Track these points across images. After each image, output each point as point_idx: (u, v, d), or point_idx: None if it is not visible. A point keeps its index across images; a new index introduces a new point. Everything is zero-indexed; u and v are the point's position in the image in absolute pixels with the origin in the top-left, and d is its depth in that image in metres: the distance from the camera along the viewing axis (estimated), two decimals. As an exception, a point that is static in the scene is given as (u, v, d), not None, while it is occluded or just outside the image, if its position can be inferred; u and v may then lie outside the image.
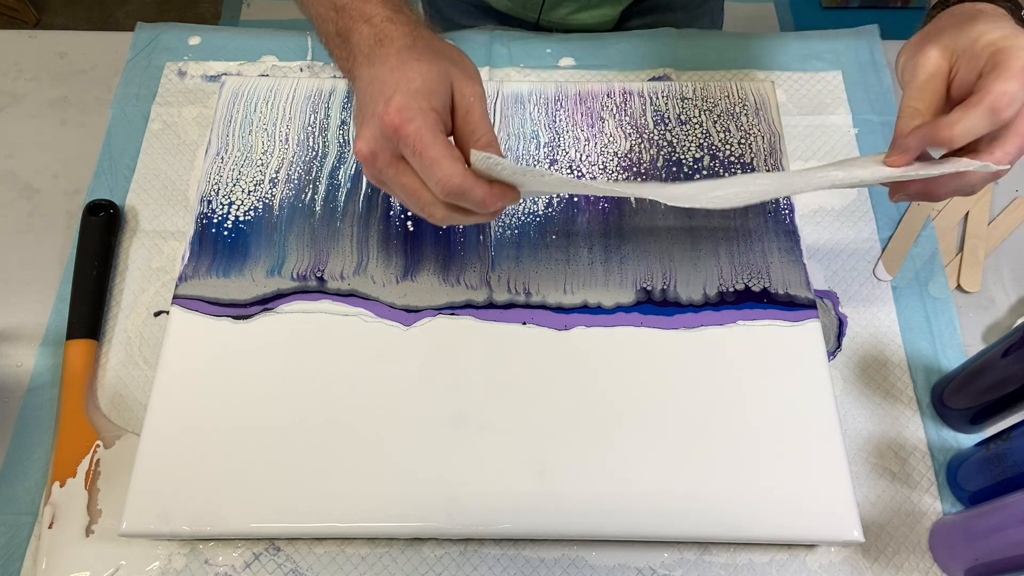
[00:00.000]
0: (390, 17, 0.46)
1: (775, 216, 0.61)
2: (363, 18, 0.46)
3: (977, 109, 0.39)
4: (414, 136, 0.40)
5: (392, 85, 0.41)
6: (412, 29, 0.46)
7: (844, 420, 0.56)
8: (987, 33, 0.41)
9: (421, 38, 0.45)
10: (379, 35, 0.45)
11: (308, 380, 0.54)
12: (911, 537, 0.52)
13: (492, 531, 0.50)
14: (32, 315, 0.61)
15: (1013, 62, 0.39)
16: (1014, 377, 0.49)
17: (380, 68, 0.43)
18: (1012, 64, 0.39)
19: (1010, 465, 0.48)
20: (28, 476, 0.54)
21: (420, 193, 0.42)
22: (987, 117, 0.39)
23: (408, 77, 0.42)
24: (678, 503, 0.50)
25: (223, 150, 0.64)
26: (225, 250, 0.60)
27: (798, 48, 0.73)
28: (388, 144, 0.41)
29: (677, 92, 0.67)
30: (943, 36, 0.43)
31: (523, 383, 0.54)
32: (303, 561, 0.51)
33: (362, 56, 0.45)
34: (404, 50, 0.44)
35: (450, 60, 0.45)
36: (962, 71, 0.42)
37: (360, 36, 0.46)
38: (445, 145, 0.41)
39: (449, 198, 0.41)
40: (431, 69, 0.42)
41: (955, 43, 0.42)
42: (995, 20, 0.42)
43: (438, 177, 0.40)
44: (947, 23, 0.44)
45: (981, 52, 0.41)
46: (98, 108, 0.71)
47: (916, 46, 0.44)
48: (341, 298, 0.57)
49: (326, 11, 0.47)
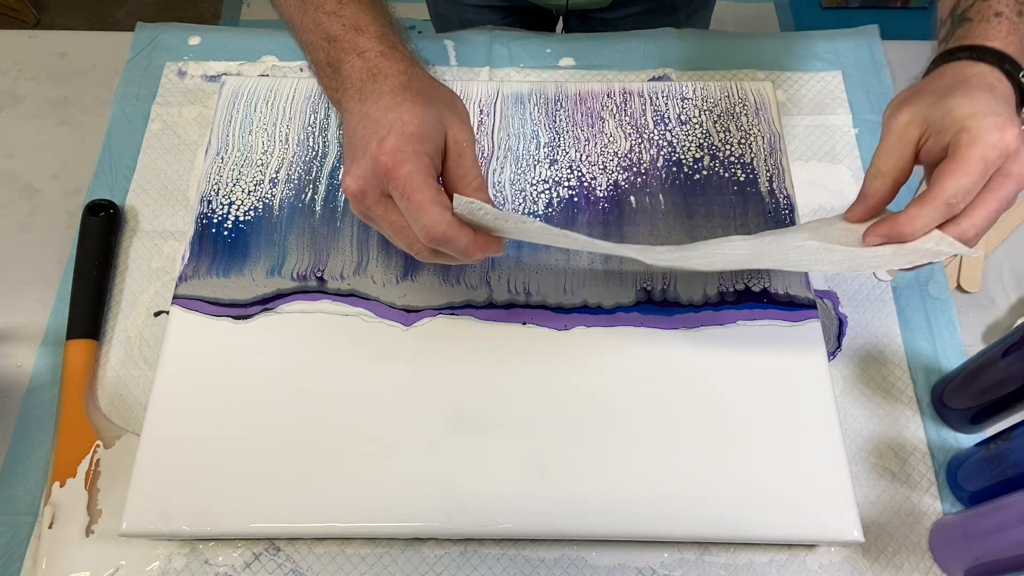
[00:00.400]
0: (384, 52, 0.45)
1: (775, 216, 0.61)
2: (356, 51, 0.45)
3: (933, 204, 0.41)
4: (404, 179, 0.40)
5: (386, 126, 0.41)
6: (407, 67, 0.45)
7: (844, 420, 0.56)
8: (959, 108, 0.41)
9: (416, 77, 0.45)
10: (372, 70, 0.44)
11: (308, 380, 0.54)
12: (911, 537, 0.52)
13: (492, 531, 0.50)
14: (32, 315, 0.61)
15: (973, 152, 0.40)
16: (1014, 377, 0.49)
17: (373, 106, 0.43)
18: (970, 155, 0.40)
19: (1010, 465, 0.48)
20: (28, 476, 0.54)
21: (407, 231, 0.43)
22: (943, 211, 0.41)
23: (403, 119, 0.42)
24: (678, 503, 0.50)
25: (223, 150, 0.64)
26: (225, 250, 0.60)
27: (798, 48, 0.73)
28: (378, 183, 0.42)
29: (677, 92, 0.67)
30: (922, 101, 0.44)
31: (523, 383, 0.54)
32: (303, 561, 0.51)
33: (353, 89, 0.44)
34: (399, 90, 0.43)
35: (444, 104, 0.45)
36: (931, 141, 0.43)
37: (352, 69, 0.45)
38: (434, 191, 0.41)
39: (433, 244, 0.42)
40: (426, 113, 0.42)
41: (930, 113, 0.43)
42: (974, 92, 0.42)
43: (423, 223, 0.41)
44: (932, 85, 0.44)
45: (949, 127, 0.42)
46: (98, 108, 0.71)
47: (898, 105, 0.45)
48: (341, 298, 0.57)
49: (317, 39, 0.46)
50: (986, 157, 0.40)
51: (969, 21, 0.46)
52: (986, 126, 0.40)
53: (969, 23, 0.46)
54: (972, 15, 0.46)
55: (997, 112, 0.41)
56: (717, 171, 0.63)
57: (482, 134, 0.65)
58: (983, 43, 0.45)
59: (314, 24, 0.46)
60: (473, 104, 0.66)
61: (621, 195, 0.62)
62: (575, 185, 0.63)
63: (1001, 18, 0.45)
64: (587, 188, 0.62)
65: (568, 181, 0.63)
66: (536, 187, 0.62)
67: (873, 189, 0.45)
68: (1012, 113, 0.42)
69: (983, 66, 0.44)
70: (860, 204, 0.46)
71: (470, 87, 0.67)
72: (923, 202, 0.42)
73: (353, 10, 0.46)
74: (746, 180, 0.63)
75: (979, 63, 0.44)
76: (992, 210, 0.42)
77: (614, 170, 0.63)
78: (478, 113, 0.66)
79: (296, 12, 0.47)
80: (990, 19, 0.45)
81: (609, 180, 0.63)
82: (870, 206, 0.45)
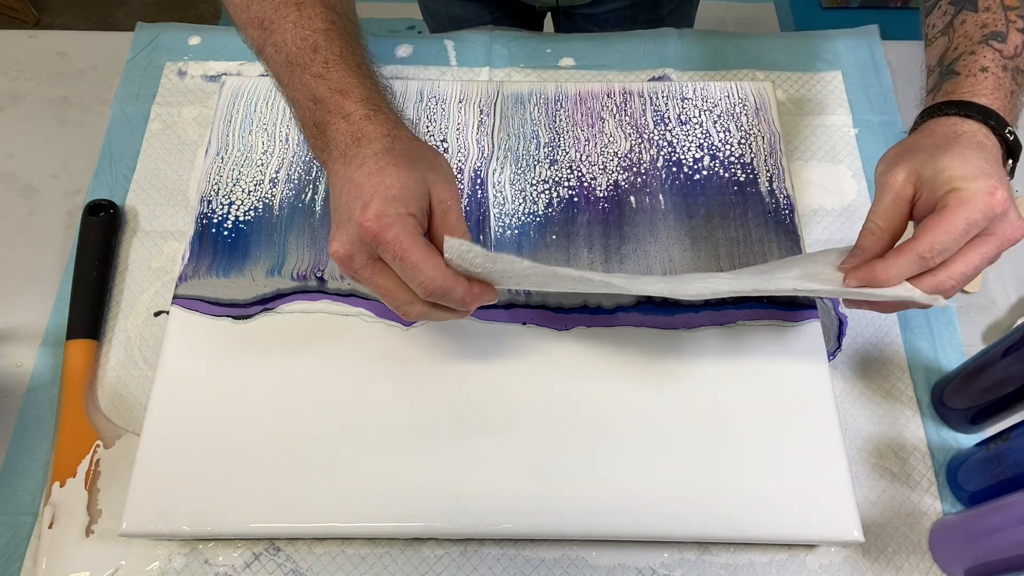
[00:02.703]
0: (368, 115, 0.45)
1: (775, 216, 0.61)
2: (341, 114, 0.45)
3: (908, 256, 0.43)
4: (394, 242, 0.41)
5: (370, 190, 0.42)
6: (390, 129, 0.45)
7: (844, 420, 0.56)
8: (951, 168, 0.43)
9: (400, 140, 0.45)
10: (357, 134, 0.45)
11: (308, 380, 0.54)
12: (911, 537, 0.52)
13: (492, 531, 0.50)
14: (32, 315, 0.61)
15: (959, 212, 0.42)
16: (1014, 377, 0.49)
17: (357, 171, 0.43)
18: (956, 215, 0.42)
19: (1010, 465, 0.48)
20: (28, 476, 0.54)
21: (395, 294, 0.44)
22: (917, 263, 0.43)
23: (386, 184, 0.42)
24: (678, 503, 0.50)
25: (223, 150, 0.64)
26: (225, 250, 0.60)
27: (798, 48, 0.73)
28: (365, 247, 0.43)
29: (677, 92, 0.67)
30: (915, 158, 0.45)
31: (523, 383, 0.54)
32: (303, 561, 0.51)
33: (338, 152, 0.45)
34: (382, 154, 0.44)
35: (428, 164, 0.45)
36: (923, 199, 0.45)
37: (337, 132, 0.45)
38: (425, 248, 0.42)
39: (431, 297, 0.43)
40: (409, 176, 0.43)
41: (922, 170, 0.44)
42: (966, 152, 0.43)
43: (420, 280, 0.42)
44: (924, 142, 0.46)
45: (941, 187, 0.43)
46: (98, 108, 0.71)
47: (892, 161, 0.46)
48: (341, 298, 0.57)
49: (304, 100, 0.47)
50: (971, 218, 0.42)
51: (956, 75, 0.48)
52: (976, 189, 0.42)
53: (956, 77, 0.48)
54: (959, 68, 0.48)
55: (988, 175, 0.42)
56: (717, 171, 0.63)
57: (482, 134, 0.65)
58: (971, 99, 0.46)
59: (301, 85, 0.47)
60: (473, 104, 0.66)
61: (621, 195, 0.62)
62: (575, 185, 0.63)
63: (987, 73, 0.47)
64: (587, 188, 0.62)
65: (568, 181, 0.63)
66: (536, 187, 0.62)
67: (869, 243, 0.46)
68: (1002, 173, 0.44)
69: (972, 123, 0.45)
70: (855, 257, 0.47)
71: (470, 87, 0.67)
72: (900, 253, 0.44)
73: (339, 73, 0.46)
74: (746, 180, 0.63)
75: (968, 120, 0.46)
76: (972, 266, 0.43)
77: (614, 170, 0.63)
78: (478, 113, 0.66)
79: (283, 71, 0.48)
80: (976, 74, 0.47)
81: (609, 180, 0.63)
82: (866, 260, 0.47)
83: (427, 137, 0.65)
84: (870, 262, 0.46)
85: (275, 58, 0.48)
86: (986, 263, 0.44)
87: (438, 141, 0.65)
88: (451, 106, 0.66)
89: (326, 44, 0.47)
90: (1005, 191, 0.42)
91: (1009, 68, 0.47)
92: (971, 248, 0.43)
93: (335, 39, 0.47)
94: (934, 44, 0.51)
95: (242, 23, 0.50)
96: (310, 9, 0.48)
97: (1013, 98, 0.47)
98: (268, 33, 0.48)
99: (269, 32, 0.48)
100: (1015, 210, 0.43)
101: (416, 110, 0.66)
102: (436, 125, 0.65)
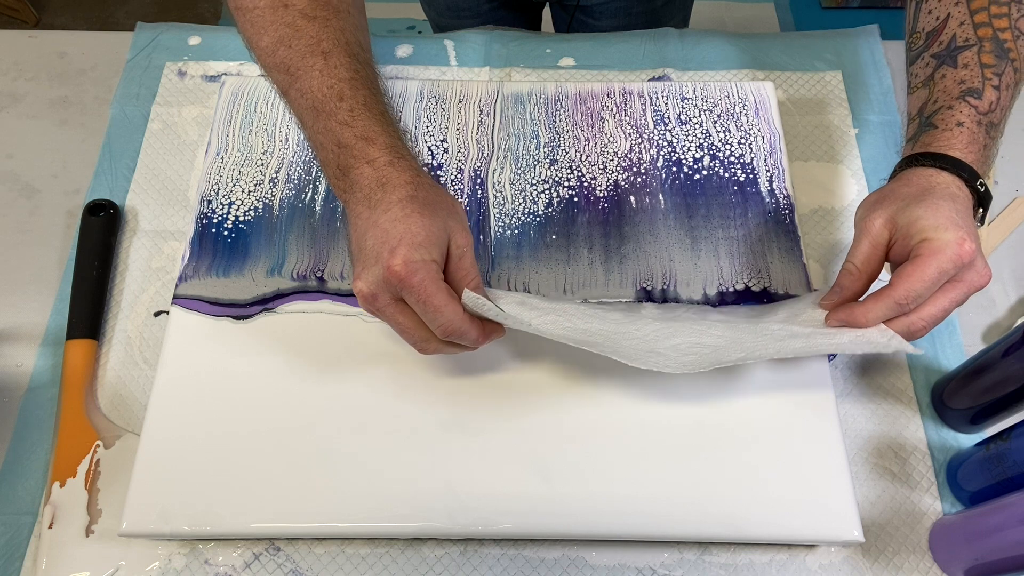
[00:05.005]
0: (392, 162, 0.48)
1: (775, 216, 0.61)
2: (366, 159, 0.48)
3: (885, 302, 0.47)
4: (419, 287, 0.45)
5: (397, 237, 0.45)
6: (413, 176, 0.48)
7: (844, 420, 0.56)
8: (924, 218, 0.46)
9: (422, 187, 0.48)
10: (381, 179, 0.47)
11: (308, 380, 0.54)
12: (911, 537, 0.52)
13: (492, 531, 0.50)
14: (32, 315, 0.61)
15: (931, 261, 0.45)
16: (1014, 377, 0.49)
17: (383, 215, 0.46)
18: (928, 264, 0.45)
19: (1010, 465, 0.48)
20: (28, 476, 0.54)
21: (415, 332, 0.47)
22: (893, 308, 0.47)
23: (412, 231, 0.45)
24: (678, 503, 0.50)
25: (223, 150, 0.64)
26: (225, 250, 0.60)
27: (798, 48, 0.73)
28: (389, 288, 0.45)
29: (677, 92, 0.67)
30: (892, 205, 0.48)
31: (523, 382, 0.54)
32: (303, 561, 0.51)
33: (362, 195, 0.47)
34: (407, 201, 0.46)
35: (447, 212, 0.48)
36: (898, 244, 0.48)
37: (361, 176, 0.47)
38: (446, 293, 0.46)
39: (449, 337, 0.47)
40: (433, 223, 0.46)
41: (898, 218, 0.48)
42: (939, 203, 0.47)
43: (440, 322, 0.46)
44: (901, 191, 0.49)
45: (915, 235, 0.46)
46: (98, 108, 0.71)
47: (871, 207, 0.50)
48: (341, 298, 0.57)
49: (328, 143, 0.49)
50: (942, 267, 0.45)
51: (935, 128, 0.51)
52: (947, 240, 0.45)
53: (934, 130, 0.50)
54: (937, 121, 0.51)
55: (958, 225, 0.46)
56: (717, 171, 0.63)
57: (482, 134, 0.65)
58: (946, 151, 0.49)
59: (326, 130, 0.49)
60: (473, 104, 0.66)
61: (621, 195, 0.62)
62: (575, 185, 0.63)
63: (963, 128, 0.50)
64: (587, 188, 0.62)
65: (568, 181, 0.63)
66: (536, 187, 0.62)
67: (848, 282, 0.50)
68: (971, 224, 0.47)
69: (946, 175, 0.49)
70: (835, 295, 0.51)
71: (470, 87, 0.67)
72: (878, 298, 0.47)
73: (364, 121, 0.48)
74: (746, 180, 0.63)
75: (943, 172, 0.49)
76: (942, 309, 0.47)
77: (614, 170, 0.63)
78: (478, 113, 0.66)
79: (308, 115, 0.50)
80: (952, 128, 0.50)
81: (609, 180, 0.63)
82: (844, 297, 0.51)
83: (427, 137, 0.65)
84: (850, 306, 0.49)
85: (300, 102, 0.50)
86: (954, 306, 0.47)
87: (438, 141, 0.65)
88: (451, 106, 0.66)
89: (351, 93, 0.49)
90: (973, 242, 0.45)
91: (983, 123, 0.50)
92: (942, 293, 0.47)
93: (360, 88, 0.49)
94: (916, 93, 0.54)
95: (267, 67, 0.52)
96: (335, 59, 0.50)
97: (986, 151, 0.50)
98: (294, 79, 0.50)
99: (295, 78, 0.50)
100: (982, 259, 0.47)
101: (416, 110, 0.66)
102: (436, 125, 0.65)
